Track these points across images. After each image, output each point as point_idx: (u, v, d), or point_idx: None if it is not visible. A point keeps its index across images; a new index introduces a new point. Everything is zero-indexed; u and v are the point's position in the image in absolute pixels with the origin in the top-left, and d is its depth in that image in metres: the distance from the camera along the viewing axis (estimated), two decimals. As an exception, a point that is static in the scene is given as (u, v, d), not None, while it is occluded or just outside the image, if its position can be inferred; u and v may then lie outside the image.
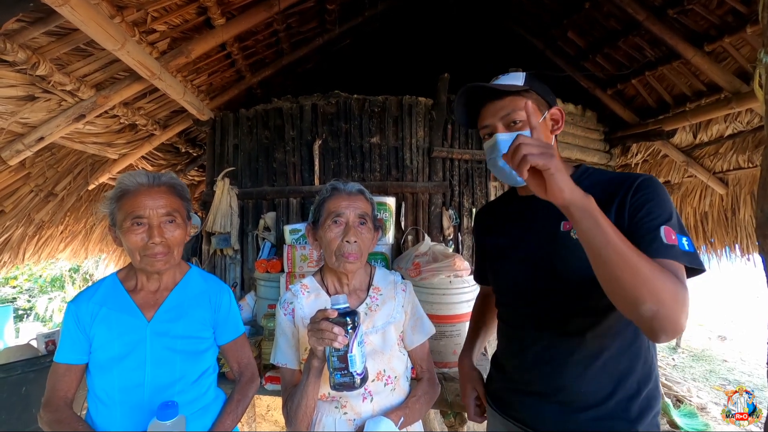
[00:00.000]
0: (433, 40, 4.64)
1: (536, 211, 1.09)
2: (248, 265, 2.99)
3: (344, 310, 0.98)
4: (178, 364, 1.18)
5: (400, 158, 2.88)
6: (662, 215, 0.89)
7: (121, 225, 1.12)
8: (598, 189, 0.97)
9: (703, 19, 2.43)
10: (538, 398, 1.05)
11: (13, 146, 2.33)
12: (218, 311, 1.30)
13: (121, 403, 1.13)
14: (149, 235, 1.11)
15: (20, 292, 7.56)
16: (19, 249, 3.26)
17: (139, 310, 1.18)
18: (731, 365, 5.58)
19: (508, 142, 1.00)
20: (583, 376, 0.98)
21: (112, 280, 1.23)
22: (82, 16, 1.64)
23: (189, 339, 1.22)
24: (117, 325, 1.15)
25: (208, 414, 1.25)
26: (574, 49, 3.41)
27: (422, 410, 1.20)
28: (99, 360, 1.14)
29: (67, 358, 1.14)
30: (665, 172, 3.93)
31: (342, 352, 0.95)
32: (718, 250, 3.98)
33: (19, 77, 2.01)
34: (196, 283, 1.30)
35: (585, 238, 0.80)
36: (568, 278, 0.99)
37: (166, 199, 1.15)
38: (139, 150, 3.38)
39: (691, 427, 3.61)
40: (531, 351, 1.07)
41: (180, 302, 1.24)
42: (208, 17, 2.37)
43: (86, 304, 1.16)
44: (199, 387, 1.23)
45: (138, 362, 1.14)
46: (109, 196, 1.17)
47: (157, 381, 1.15)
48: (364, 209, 1.17)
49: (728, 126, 3.12)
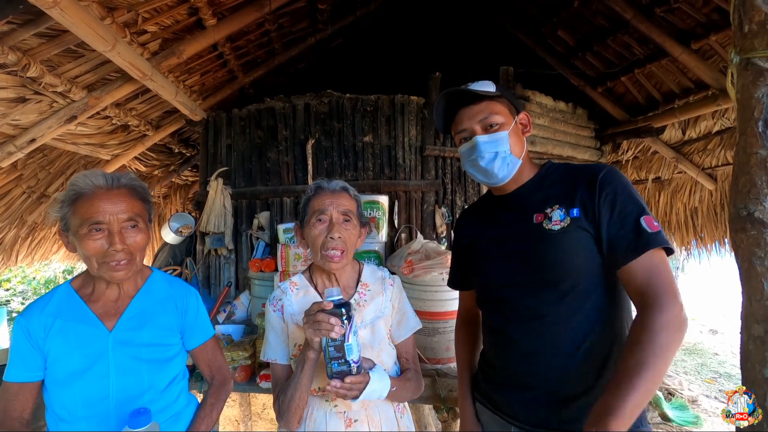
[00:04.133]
0: (425, 39, 4.66)
1: (510, 207, 1.15)
2: (242, 265, 3.00)
3: (339, 301, 1.01)
4: (144, 374, 1.12)
5: (392, 157, 2.90)
6: (636, 206, 0.96)
7: (77, 231, 1.02)
8: (564, 183, 1.08)
9: (690, 18, 2.47)
10: (526, 391, 1.07)
11: (4, 148, 2.32)
12: (185, 315, 1.24)
13: (86, 418, 1.06)
14: (109, 242, 1.02)
15: (14, 294, 7.50)
16: (12, 251, 3.26)
17: (99, 319, 1.10)
18: (722, 358, 5.65)
19: (487, 144, 1.08)
20: (568, 365, 1.01)
21: (66, 289, 1.14)
22: (73, 18, 1.64)
23: (155, 347, 1.16)
24: (75, 337, 1.07)
25: (181, 421, 1.21)
26: (564, 47, 3.44)
27: (409, 392, 1.23)
28: (57, 375, 1.06)
29: (19, 376, 1.05)
30: (655, 168, 3.98)
31: (339, 342, 0.98)
32: (708, 244, 4.04)
33: (10, 79, 2.00)
34: (160, 287, 1.23)
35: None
36: (543, 268, 1.04)
37: (126, 202, 1.06)
38: (132, 151, 3.37)
39: (682, 419, 3.67)
40: (516, 344, 1.10)
41: (143, 309, 1.17)
42: (200, 18, 2.37)
43: (38, 316, 1.07)
44: (169, 395, 1.18)
45: (101, 374, 1.07)
46: (60, 198, 1.06)
47: (124, 393, 1.09)
48: (347, 206, 1.19)
49: (716, 122, 3.17)
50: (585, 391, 1.00)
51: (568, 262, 1.00)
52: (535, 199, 1.10)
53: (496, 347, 1.19)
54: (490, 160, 1.09)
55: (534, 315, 1.06)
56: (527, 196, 1.12)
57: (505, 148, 1.08)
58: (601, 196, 0.98)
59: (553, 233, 1.02)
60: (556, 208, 1.04)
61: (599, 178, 1.01)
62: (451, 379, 1.95)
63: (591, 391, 0.99)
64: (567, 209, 1.02)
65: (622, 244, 0.95)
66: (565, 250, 1.00)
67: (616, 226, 0.96)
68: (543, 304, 1.04)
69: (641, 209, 0.96)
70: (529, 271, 1.07)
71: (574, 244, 1.00)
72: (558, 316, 1.03)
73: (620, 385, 0.82)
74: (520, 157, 1.11)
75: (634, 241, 0.93)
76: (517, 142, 1.11)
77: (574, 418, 1.00)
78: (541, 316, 1.05)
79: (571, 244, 1.00)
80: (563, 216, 1.02)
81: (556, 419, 1.03)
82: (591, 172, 1.04)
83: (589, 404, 0.98)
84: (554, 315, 1.03)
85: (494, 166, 1.09)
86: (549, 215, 1.04)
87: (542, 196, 1.09)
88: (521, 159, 1.12)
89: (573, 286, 1.00)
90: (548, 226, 1.03)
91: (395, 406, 1.24)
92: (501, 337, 1.16)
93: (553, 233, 1.02)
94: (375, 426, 1.17)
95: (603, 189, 0.99)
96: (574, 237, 1.00)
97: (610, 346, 1.01)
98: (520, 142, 1.12)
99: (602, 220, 0.98)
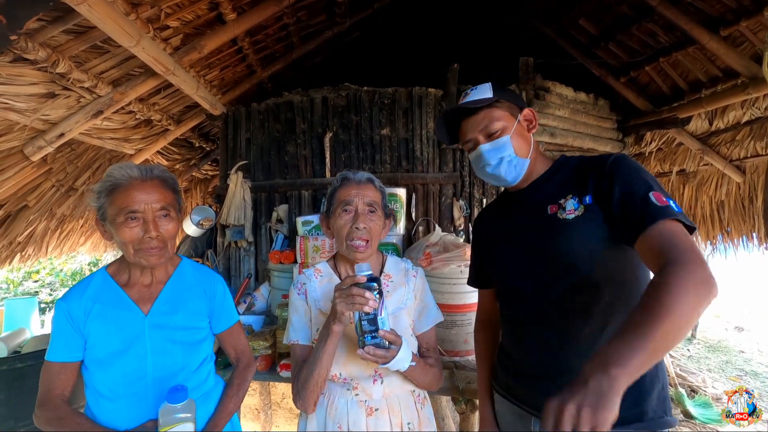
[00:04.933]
0: (443, 31, 4.62)
1: (524, 202, 1.17)
2: (262, 257, 3.05)
3: (370, 276, 1.03)
4: (178, 355, 1.20)
5: (410, 149, 2.89)
6: (645, 183, 0.95)
7: (114, 220, 1.09)
8: (576, 174, 1.08)
9: (719, 3, 2.37)
10: (544, 382, 1.07)
11: (35, 143, 2.41)
12: (213, 300, 1.31)
13: (126, 396, 1.14)
14: (144, 229, 1.09)
15: (42, 285, 7.79)
16: (42, 242, 3.38)
17: (135, 304, 1.17)
18: (748, 356, 5.49)
19: (491, 151, 1.11)
20: (586, 356, 1.00)
21: (102, 275, 1.21)
22: (100, 13, 1.68)
23: (187, 330, 1.23)
24: (113, 320, 1.15)
25: (210, 399, 1.29)
26: (586, 37, 3.36)
27: (428, 376, 1.21)
28: (97, 356, 1.13)
29: (61, 356, 1.13)
30: (680, 160, 3.86)
31: (372, 316, 1.00)
32: (735, 239, 3.90)
33: (40, 75, 2.07)
34: (190, 274, 1.30)
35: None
36: (560, 257, 1.04)
37: (159, 193, 1.13)
38: (155, 145, 3.45)
39: (706, 417, 3.59)
40: (533, 336, 1.10)
41: (175, 294, 1.24)
42: (220, 12, 2.41)
43: (78, 301, 1.14)
44: (200, 375, 1.25)
45: (139, 355, 1.15)
46: (97, 189, 1.13)
47: (160, 372, 1.16)
48: (373, 197, 1.20)
49: (745, 112, 3.05)
50: None
51: (584, 249, 1.00)
52: (549, 191, 1.11)
53: (513, 338, 1.19)
54: (496, 166, 1.11)
55: (550, 306, 1.06)
56: (540, 190, 1.14)
57: (509, 152, 1.11)
58: (612, 179, 0.99)
59: (568, 222, 1.02)
60: (569, 198, 1.05)
61: (609, 162, 1.01)
62: (470, 371, 1.96)
63: None
64: (580, 197, 1.03)
65: (632, 217, 0.93)
66: (581, 238, 1.00)
67: (626, 203, 0.95)
68: (559, 295, 1.04)
69: (649, 186, 0.94)
70: (545, 262, 1.07)
71: (590, 231, 1.00)
72: (576, 306, 1.02)
73: (626, 335, 0.71)
74: (527, 156, 1.13)
75: (643, 213, 0.91)
76: (522, 143, 1.13)
77: None
78: (559, 306, 1.04)
79: (586, 231, 1.00)
80: (576, 205, 1.03)
81: None
82: (601, 159, 1.05)
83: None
84: (572, 305, 1.02)
85: (501, 170, 1.11)
86: (563, 205, 1.05)
87: (555, 187, 1.10)
88: (529, 158, 1.14)
89: (589, 274, 1.00)
90: (562, 216, 1.04)
91: (416, 397, 1.25)
92: (518, 328, 1.16)
93: (568, 222, 1.02)
94: (396, 416, 1.18)
95: (613, 172, 0.99)
96: (588, 223, 1.00)
97: None
98: (525, 141, 1.14)
99: (613, 200, 0.97)
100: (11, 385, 2.62)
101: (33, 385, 2.76)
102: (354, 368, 1.17)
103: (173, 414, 1.01)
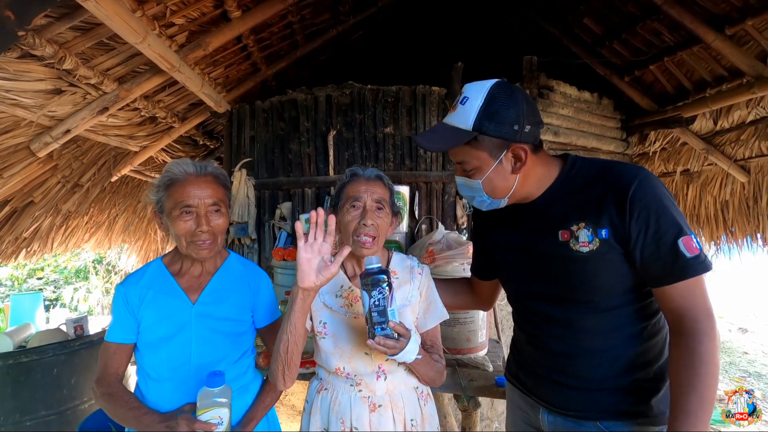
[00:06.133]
0: (447, 29, 4.61)
1: (533, 216, 1.09)
2: (265, 254, 3.06)
3: (379, 268, 1.04)
4: (220, 345, 1.24)
5: (413, 148, 2.90)
6: (673, 224, 0.89)
7: (170, 213, 1.16)
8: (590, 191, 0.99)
9: (725, 1, 2.36)
10: (553, 382, 1.10)
11: (41, 139, 2.43)
12: (257, 295, 1.35)
13: (170, 379, 1.20)
14: (197, 223, 1.16)
15: (46, 283, 7.84)
16: (48, 238, 3.40)
17: (184, 293, 1.23)
18: (752, 357, 5.48)
19: (463, 186, 1.09)
20: (594, 367, 1.03)
21: (158, 264, 1.28)
22: (107, 10, 1.70)
23: (230, 321, 1.27)
24: (164, 307, 1.21)
25: (249, 392, 1.32)
26: (591, 36, 3.35)
27: (433, 369, 1.21)
28: (148, 340, 1.20)
29: (118, 337, 1.20)
30: (684, 160, 3.85)
31: (382, 307, 1.01)
32: (739, 239, 3.89)
33: (47, 71, 2.09)
34: (236, 268, 1.35)
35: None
36: (573, 288, 1.03)
37: (212, 188, 1.19)
38: (159, 142, 3.47)
39: (709, 417, 3.57)
40: (543, 344, 1.12)
41: (221, 286, 1.29)
42: (225, 10, 2.41)
43: (134, 287, 1.22)
44: (240, 366, 1.29)
45: (185, 342, 1.21)
46: (157, 183, 1.20)
47: (202, 359, 1.21)
48: (381, 194, 1.20)
49: (750, 111, 3.04)
50: (617, 387, 1.01)
51: (599, 283, 0.98)
52: (560, 209, 1.03)
53: (526, 343, 1.21)
54: (470, 199, 1.11)
55: (563, 323, 1.07)
56: (551, 204, 1.05)
57: (480, 195, 1.06)
58: (632, 216, 0.91)
59: (582, 255, 0.97)
60: (582, 227, 0.97)
61: (630, 195, 0.91)
62: (472, 369, 1.96)
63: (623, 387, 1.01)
64: (594, 229, 0.95)
65: (656, 267, 0.90)
66: (595, 273, 0.98)
67: (650, 248, 0.90)
68: (573, 315, 1.05)
69: (679, 229, 0.88)
70: (558, 288, 1.06)
71: (605, 267, 0.96)
72: (583, 326, 1.03)
73: (690, 419, 0.87)
74: (504, 197, 1.05)
75: (671, 267, 0.88)
76: (499, 185, 1.02)
77: (605, 409, 1.02)
78: (570, 324, 1.05)
79: (600, 268, 0.97)
80: (591, 237, 0.96)
81: (585, 407, 1.04)
82: (620, 183, 0.94)
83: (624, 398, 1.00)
84: (579, 325, 1.04)
85: (474, 203, 1.11)
86: (576, 234, 0.98)
87: (567, 206, 1.02)
88: (506, 198, 1.06)
89: (603, 301, 1.00)
90: (576, 248, 0.97)
91: (419, 393, 1.25)
92: (531, 338, 1.18)
93: (582, 255, 0.97)
94: (399, 412, 1.18)
95: (634, 208, 0.90)
96: (604, 260, 0.95)
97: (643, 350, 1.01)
98: (503, 183, 1.03)
99: (635, 241, 0.91)
100: (17, 379, 2.64)
101: (38, 379, 2.79)
102: (358, 363, 1.17)
103: (211, 398, 1.06)
